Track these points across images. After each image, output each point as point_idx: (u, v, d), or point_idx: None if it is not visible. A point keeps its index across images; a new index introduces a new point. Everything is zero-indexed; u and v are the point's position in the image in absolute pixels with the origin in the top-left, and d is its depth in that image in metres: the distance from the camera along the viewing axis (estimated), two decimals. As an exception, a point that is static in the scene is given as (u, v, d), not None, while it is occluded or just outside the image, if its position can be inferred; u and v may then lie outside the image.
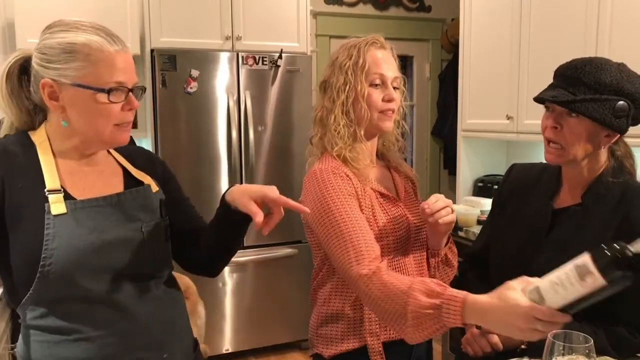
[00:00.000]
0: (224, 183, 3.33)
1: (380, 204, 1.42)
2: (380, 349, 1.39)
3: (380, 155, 1.56)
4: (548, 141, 1.35)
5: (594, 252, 0.92)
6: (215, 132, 3.28)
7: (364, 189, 1.39)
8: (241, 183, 3.35)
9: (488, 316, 1.06)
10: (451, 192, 4.49)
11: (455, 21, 4.11)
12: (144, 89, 1.23)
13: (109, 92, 1.11)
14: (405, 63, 4.78)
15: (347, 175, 1.38)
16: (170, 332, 1.25)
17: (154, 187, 1.28)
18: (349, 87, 1.41)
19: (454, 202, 3.44)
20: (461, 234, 2.84)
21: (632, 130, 1.33)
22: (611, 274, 0.90)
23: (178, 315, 1.30)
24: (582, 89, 1.26)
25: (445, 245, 1.48)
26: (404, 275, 1.41)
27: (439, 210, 1.33)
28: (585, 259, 0.93)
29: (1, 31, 3.03)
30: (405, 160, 1.63)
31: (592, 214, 1.35)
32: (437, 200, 1.34)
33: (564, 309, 0.96)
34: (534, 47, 2.79)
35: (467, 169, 3.46)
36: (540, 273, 1.36)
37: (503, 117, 2.98)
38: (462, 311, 1.07)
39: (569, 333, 1.04)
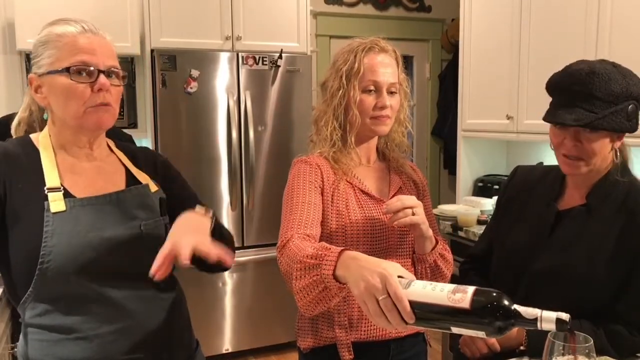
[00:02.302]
0: (224, 183, 3.33)
1: (359, 200, 1.43)
2: (349, 342, 1.39)
3: (382, 156, 1.55)
4: (568, 157, 1.32)
5: (482, 289, 0.89)
6: (215, 132, 3.28)
7: (336, 182, 1.41)
8: (241, 183, 3.36)
9: (353, 263, 1.01)
10: (451, 192, 4.49)
11: (455, 21, 4.11)
12: (124, 75, 1.22)
13: (68, 70, 1.12)
14: (405, 63, 4.77)
15: (318, 166, 1.42)
16: (170, 332, 1.25)
17: (153, 187, 1.29)
18: (342, 92, 1.42)
19: (454, 202, 3.46)
20: (461, 234, 2.84)
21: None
22: (480, 307, 0.86)
23: (178, 314, 1.30)
24: (598, 104, 1.25)
25: (432, 250, 1.42)
26: None
27: (396, 212, 1.29)
28: (472, 287, 0.89)
29: (1, 31, 3.03)
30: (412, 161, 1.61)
31: (596, 213, 1.35)
32: (397, 201, 1.31)
33: (415, 307, 0.90)
34: (534, 47, 2.79)
35: (467, 169, 3.46)
36: (541, 272, 1.36)
37: (503, 117, 2.98)
38: (337, 259, 1.04)
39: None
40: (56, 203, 1.12)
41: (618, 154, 1.36)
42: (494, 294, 0.87)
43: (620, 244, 1.31)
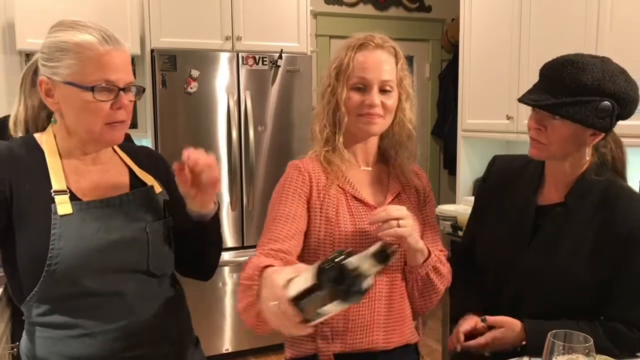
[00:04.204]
0: (224, 183, 3.33)
1: (350, 207, 1.36)
2: (330, 354, 1.34)
3: (384, 159, 1.48)
4: (531, 138, 1.38)
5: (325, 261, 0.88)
6: (215, 132, 3.28)
7: (327, 187, 1.36)
8: (241, 183, 3.36)
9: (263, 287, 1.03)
10: (451, 192, 4.49)
11: (455, 21, 4.11)
12: (142, 89, 1.23)
13: (92, 89, 1.12)
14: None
15: (308, 172, 1.37)
16: (172, 329, 1.28)
17: (157, 188, 1.30)
18: (332, 90, 1.37)
19: (454, 202, 3.46)
20: (461, 234, 2.84)
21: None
22: (322, 278, 0.85)
23: (180, 312, 1.32)
24: (562, 90, 1.26)
25: (424, 262, 1.34)
26: (371, 290, 1.33)
27: (380, 223, 1.24)
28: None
29: (1, 31, 3.03)
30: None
31: (574, 213, 1.36)
32: (382, 211, 1.25)
33: (295, 300, 0.89)
34: (534, 47, 2.79)
35: (467, 169, 3.46)
36: (525, 276, 1.37)
37: (503, 117, 2.98)
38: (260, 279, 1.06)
39: (568, 333, 1.04)
40: (63, 206, 1.13)
41: (596, 151, 1.38)
42: (332, 262, 0.86)
43: (598, 244, 1.32)
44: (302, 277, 0.89)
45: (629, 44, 2.30)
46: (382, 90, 1.35)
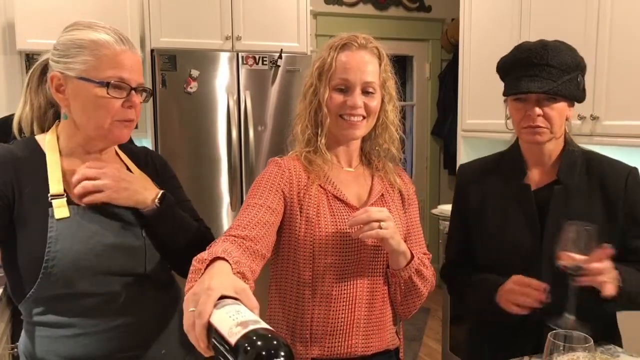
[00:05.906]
0: (224, 183, 3.33)
1: (331, 207, 1.32)
2: (309, 358, 1.32)
3: (367, 160, 1.45)
4: (533, 127, 1.38)
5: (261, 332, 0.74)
6: (215, 132, 3.29)
7: (308, 186, 1.33)
8: (241, 183, 3.36)
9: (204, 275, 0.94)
10: (451, 192, 4.49)
11: (455, 21, 4.11)
12: (150, 92, 1.24)
13: (107, 85, 1.14)
14: (405, 63, 4.78)
15: (288, 169, 1.35)
16: (169, 330, 1.28)
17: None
18: (314, 90, 1.35)
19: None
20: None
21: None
22: (242, 348, 0.72)
23: (177, 314, 1.32)
24: (555, 72, 1.33)
25: (407, 265, 1.32)
26: (352, 293, 1.33)
27: (361, 225, 1.21)
28: (258, 325, 0.76)
29: (1, 31, 3.03)
30: (405, 164, 1.50)
31: (571, 187, 1.40)
32: (363, 213, 1.22)
33: (212, 332, 0.79)
34: (534, 47, 2.79)
35: (467, 169, 3.45)
36: (554, 260, 1.35)
37: (503, 117, 2.97)
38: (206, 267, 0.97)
39: (568, 333, 1.04)
40: (60, 209, 1.14)
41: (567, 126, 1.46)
42: (263, 343, 0.72)
43: (609, 211, 1.38)
44: (232, 320, 0.77)
45: (629, 45, 2.30)
46: (365, 92, 1.33)
